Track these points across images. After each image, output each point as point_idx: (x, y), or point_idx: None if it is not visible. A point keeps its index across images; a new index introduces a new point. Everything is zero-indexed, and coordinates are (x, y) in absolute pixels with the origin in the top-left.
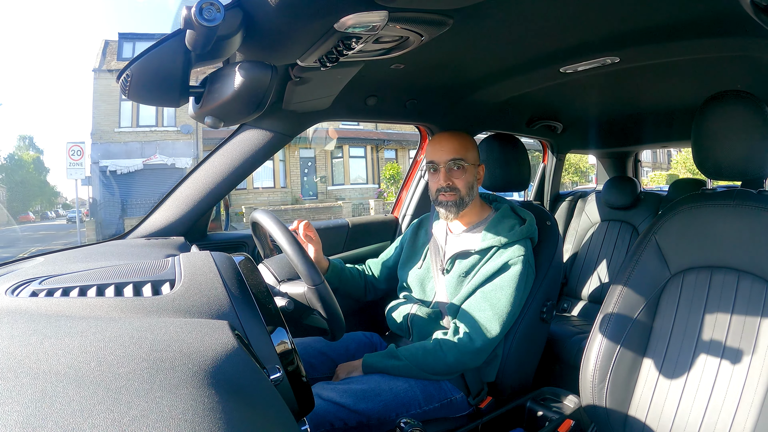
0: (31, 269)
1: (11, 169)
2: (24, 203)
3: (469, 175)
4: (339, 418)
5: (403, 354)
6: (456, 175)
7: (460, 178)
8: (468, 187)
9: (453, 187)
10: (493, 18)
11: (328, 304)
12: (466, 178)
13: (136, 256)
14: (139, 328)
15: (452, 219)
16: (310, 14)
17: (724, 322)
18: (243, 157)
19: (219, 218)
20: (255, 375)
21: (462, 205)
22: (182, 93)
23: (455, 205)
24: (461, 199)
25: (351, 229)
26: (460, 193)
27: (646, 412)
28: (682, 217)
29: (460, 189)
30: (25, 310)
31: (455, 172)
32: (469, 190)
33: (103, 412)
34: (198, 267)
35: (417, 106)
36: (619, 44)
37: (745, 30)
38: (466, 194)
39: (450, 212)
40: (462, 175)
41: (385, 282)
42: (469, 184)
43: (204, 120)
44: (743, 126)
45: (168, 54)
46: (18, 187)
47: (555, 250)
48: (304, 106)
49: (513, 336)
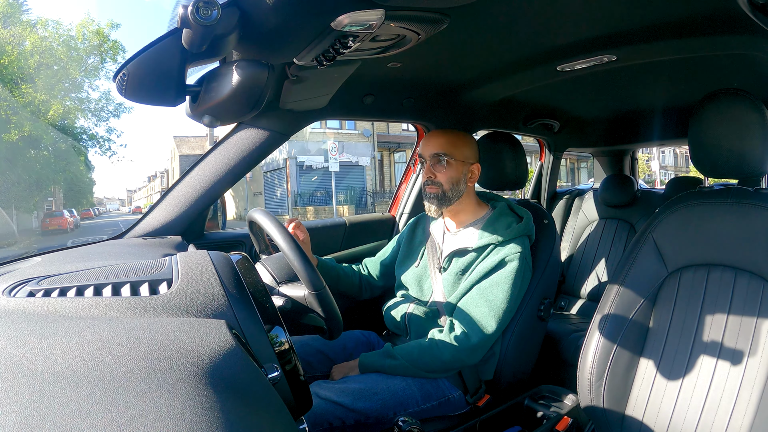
0: (28, 269)
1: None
2: (78, 201)
3: (454, 170)
4: (337, 417)
5: (399, 353)
6: (438, 169)
7: (442, 172)
8: (451, 183)
9: (435, 181)
10: (489, 16)
11: (329, 308)
12: (449, 173)
13: (133, 255)
14: (137, 327)
15: (434, 213)
16: (306, 13)
17: (721, 319)
18: (240, 156)
19: (216, 217)
20: (253, 374)
21: (444, 200)
22: (179, 92)
23: (436, 198)
24: (443, 194)
25: (348, 227)
26: (442, 188)
27: (644, 410)
28: (679, 215)
29: (443, 183)
30: (23, 310)
31: (438, 167)
32: (453, 186)
33: (101, 412)
34: (195, 266)
35: (414, 105)
36: (617, 42)
37: (742, 28)
38: (449, 189)
39: (432, 204)
40: (444, 170)
41: (382, 280)
42: (453, 180)
43: (201, 119)
44: (740, 124)
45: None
46: (71, 185)
47: (552, 248)
48: (301, 104)
49: (510, 334)
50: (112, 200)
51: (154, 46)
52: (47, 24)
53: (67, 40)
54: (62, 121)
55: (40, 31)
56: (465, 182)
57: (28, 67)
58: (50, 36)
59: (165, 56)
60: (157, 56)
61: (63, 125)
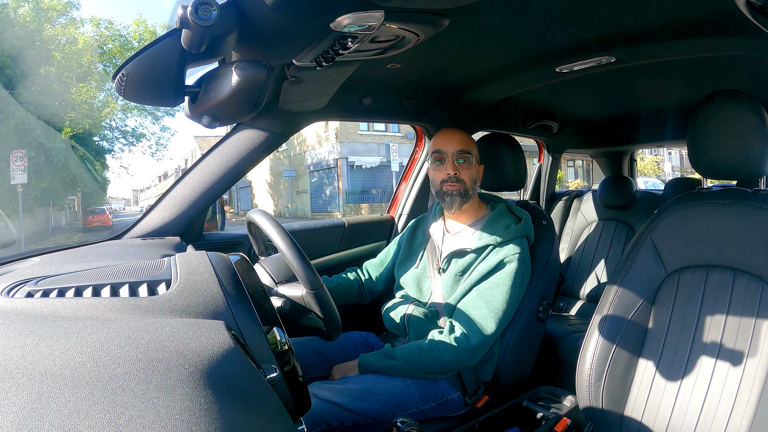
0: (26, 270)
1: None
2: (93, 200)
3: (474, 170)
4: (336, 418)
5: (398, 354)
6: (463, 166)
7: (466, 170)
8: (472, 181)
9: (459, 179)
10: (488, 18)
11: (326, 308)
12: (471, 173)
13: (132, 256)
14: (136, 328)
15: (455, 211)
16: (306, 13)
17: (720, 321)
18: (239, 157)
19: (215, 218)
20: (251, 375)
21: (466, 197)
22: (178, 92)
23: (460, 195)
24: (466, 191)
25: (347, 228)
26: (465, 185)
27: (642, 411)
28: (677, 216)
29: (465, 181)
30: (21, 310)
31: (462, 164)
32: (473, 184)
33: (99, 413)
34: (194, 267)
35: (413, 106)
36: (615, 44)
37: (740, 30)
38: (470, 187)
39: (454, 202)
40: (468, 168)
41: (383, 283)
42: (473, 179)
43: (200, 120)
44: (739, 125)
45: (163, 53)
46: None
47: (551, 250)
48: (300, 105)
49: (509, 335)
50: (117, 200)
51: (154, 47)
52: (99, 23)
53: (123, 41)
54: (106, 122)
55: (92, 30)
56: (479, 182)
57: (81, 66)
58: (103, 36)
59: (164, 57)
60: (157, 56)
61: (108, 125)
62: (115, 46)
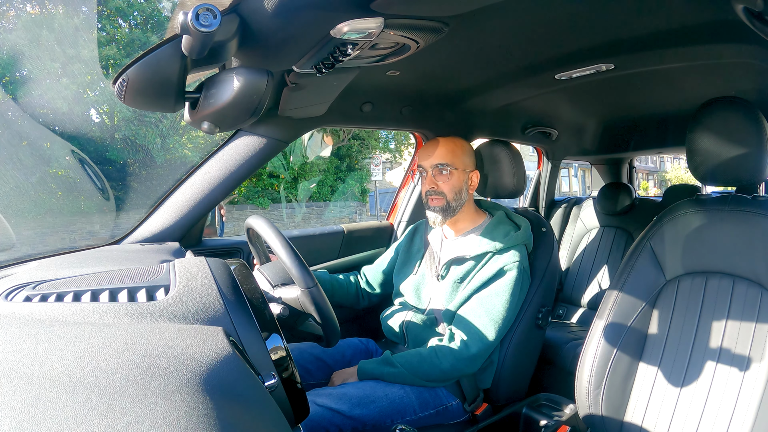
0: (25, 274)
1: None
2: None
3: (456, 180)
4: (334, 425)
5: (398, 361)
6: (441, 179)
7: (445, 182)
8: (454, 192)
9: (438, 191)
10: (488, 25)
11: (321, 308)
12: (452, 183)
13: (130, 261)
14: (134, 333)
15: (440, 224)
16: (306, 20)
17: (720, 327)
18: (238, 163)
19: (214, 224)
20: (250, 381)
21: (449, 211)
22: (178, 99)
23: (442, 210)
24: (447, 204)
25: (346, 235)
26: (446, 197)
27: (642, 418)
28: (676, 222)
29: (446, 193)
30: (19, 315)
31: (440, 177)
32: (456, 195)
33: (96, 418)
34: (193, 273)
35: (412, 113)
36: (614, 51)
37: (739, 37)
38: (452, 199)
39: (437, 216)
40: (447, 180)
41: (381, 289)
42: (456, 189)
43: (200, 125)
44: (737, 132)
45: (164, 59)
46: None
47: (550, 257)
48: (300, 112)
49: (508, 342)
50: None
51: (154, 53)
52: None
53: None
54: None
55: None
56: (466, 190)
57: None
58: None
59: (165, 62)
60: (157, 62)
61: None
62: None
